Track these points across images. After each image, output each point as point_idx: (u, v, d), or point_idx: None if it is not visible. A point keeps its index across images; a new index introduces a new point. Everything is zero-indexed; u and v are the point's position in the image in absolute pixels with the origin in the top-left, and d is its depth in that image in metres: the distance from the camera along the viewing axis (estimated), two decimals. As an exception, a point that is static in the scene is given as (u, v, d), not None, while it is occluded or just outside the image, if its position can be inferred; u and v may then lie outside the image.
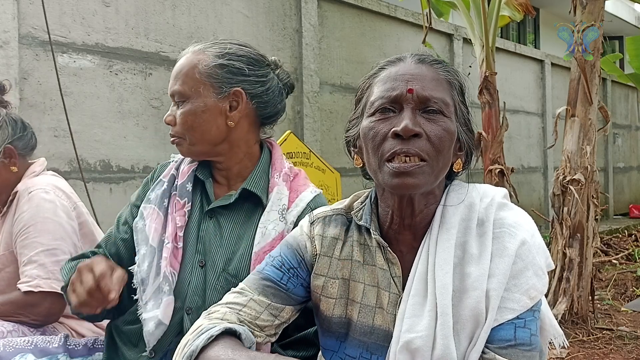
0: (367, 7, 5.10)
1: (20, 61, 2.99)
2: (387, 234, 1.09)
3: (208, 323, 1.04)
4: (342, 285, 1.11)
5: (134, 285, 1.36)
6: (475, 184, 1.11)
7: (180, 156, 1.48)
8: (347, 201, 1.18)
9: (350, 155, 1.13)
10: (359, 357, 1.07)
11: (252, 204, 1.39)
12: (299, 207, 1.36)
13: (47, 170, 1.90)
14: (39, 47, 3.09)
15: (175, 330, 1.31)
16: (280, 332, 1.14)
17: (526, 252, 0.99)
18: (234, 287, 1.21)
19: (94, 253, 1.43)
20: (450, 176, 1.10)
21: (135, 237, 1.39)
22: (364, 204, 1.14)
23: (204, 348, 0.98)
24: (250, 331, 1.06)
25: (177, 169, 1.45)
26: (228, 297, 1.13)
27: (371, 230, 1.08)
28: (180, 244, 1.36)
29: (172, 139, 1.40)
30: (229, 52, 1.39)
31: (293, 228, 1.31)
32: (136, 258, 1.38)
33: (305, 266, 1.14)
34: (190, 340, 1.01)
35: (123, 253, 1.43)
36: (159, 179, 1.46)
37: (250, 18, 4.18)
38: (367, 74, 1.10)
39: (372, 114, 1.03)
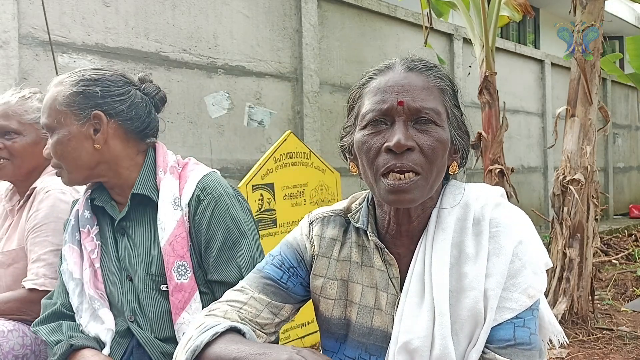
0: (367, 7, 5.10)
1: (20, 61, 2.99)
2: (384, 237, 1.09)
3: (211, 320, 1.04)
4: (341, 287, 1.11)
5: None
6: (471, 184, 1.11)
7: (81, 193, 1.55)
8: (345, 202, 1.18)
9: (346, 162, 1.12)
10: (357, 358, 1.07)
11: (149, 206, 1.43)
12: (189, 188, 1.42)
13: None
14: (39, 47, 3.09)
15: (128, 337, 1.40)
16: (279, 331, 1.14)
17: (523, 250, 0.99)
18: (162, 284, 1.31)
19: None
20: (447, 176, 1.10)
21: (64, 279, 1.48)
22: (361, 206, 1.14)
23: (208, 344, 0.98)
24: (252, 330, 1.06)
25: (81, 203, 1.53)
26: (229, 294, 1.13)
27: (368, 233, 1.09)
28: (97, 265, 1.44)
29: (54, 171, 1.48)
30: (83, 78, 1.43)
31: (189, 210, 1.38)
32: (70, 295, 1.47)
33: (304, 266, 1.15)
34: (194, 336, 1.01)
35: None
36: (68, 220, 1.54)
37: (250, 18, 4.18)
38: (358, 83, 1.09)
39: (365, 127, 1.02)
